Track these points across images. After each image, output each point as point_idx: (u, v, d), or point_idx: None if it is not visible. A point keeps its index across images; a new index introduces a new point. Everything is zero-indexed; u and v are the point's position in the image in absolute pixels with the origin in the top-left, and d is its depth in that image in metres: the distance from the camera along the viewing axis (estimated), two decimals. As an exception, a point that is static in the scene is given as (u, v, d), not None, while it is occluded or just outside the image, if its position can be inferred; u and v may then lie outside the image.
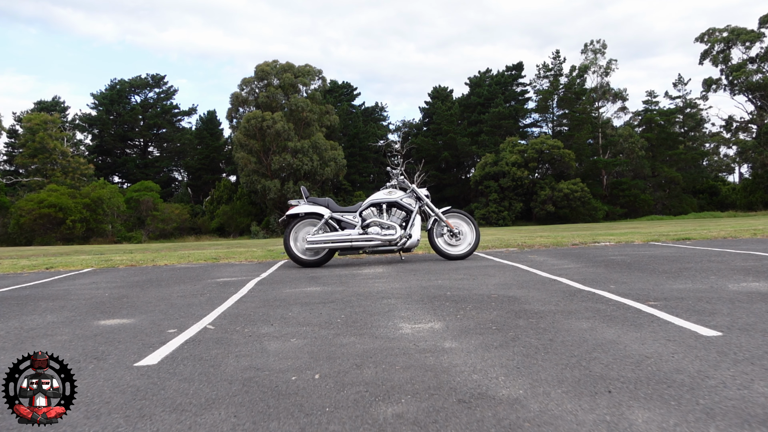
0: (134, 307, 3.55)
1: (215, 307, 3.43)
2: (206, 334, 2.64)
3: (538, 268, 4.86)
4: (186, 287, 4.44)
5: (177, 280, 5.02)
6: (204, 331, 2.72)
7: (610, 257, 5.56)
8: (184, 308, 3.42)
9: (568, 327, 2.47)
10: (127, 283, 4.94)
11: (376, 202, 5.92)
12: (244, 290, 4.14)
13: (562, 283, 3.87)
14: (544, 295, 3.35)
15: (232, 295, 3.92)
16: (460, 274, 4.63)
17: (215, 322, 2.92)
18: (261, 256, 7.29)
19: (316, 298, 3.63)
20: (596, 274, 4.28)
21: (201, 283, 4.71)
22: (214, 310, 3.31)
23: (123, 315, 3.26)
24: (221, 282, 4.70)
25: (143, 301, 3.76)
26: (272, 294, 3.88)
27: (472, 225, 5.98)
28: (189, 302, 3.65)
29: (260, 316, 3.04)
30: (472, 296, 3.42)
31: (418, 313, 2.95)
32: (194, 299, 3.77)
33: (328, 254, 5.80)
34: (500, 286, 3.83)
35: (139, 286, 4.62)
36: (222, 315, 3.14)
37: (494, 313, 2.87)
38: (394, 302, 3.33)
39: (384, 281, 4.35)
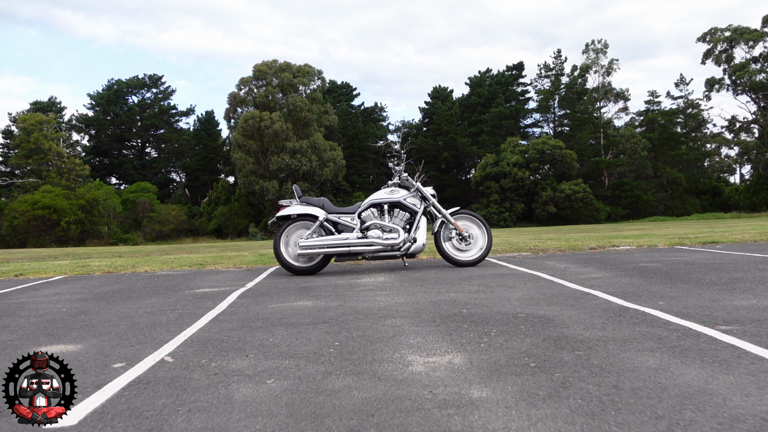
0: (88, 327, 2.96)
1: (184, 328, 2.84)
2: (160, 370, 2.06)
3: (563, 277, 4.27)
4: (157, 301, 3.85)
5: (151, 290, 4.43)
6: (159, 365, 2.13)
7: (641, 264, 4.96)
8: (146, 330, 2.83)
9: (632, 365, 1.89)
10: (93, 294, 4.35)
11: (377, 202, 5.33)
12: (223, 305, 3.55)
13: (598, 297, 3.27)
14: (582, 315, 2.76)
15: (208, 311, 3.33)
16: (473, 284, 4.04)
17: (177, 352, 2.33)
18: (251, 262, 6.69)
19: (305, 316, 3.04)
20: (634, 285, 3.69)
21: (176, 295, 4.12)
22: (182, 332, 2.73)
23: (71, 339, 2.68)
24: (199, 294, 4.11)
25: (102, 320, 3.17)
26: (255, 310, 3.30)
27: (483, 228, 5.39)
28: (154, 321, 3.06)
29: (234, 343, 2.46)
30: (494, 315, 2.83)
31: (430, 340, 2.36)
32: (162, 317, 3.19)
33: (323, 261, 5.20)
34: (525, 301, 3.25)
35: (105, 299, 4.03)
36: (188, 340, 2.55)
37: (527, 340, 2.29)
38: (400, 323, 2.74)
39: (386, 294, 3.76)
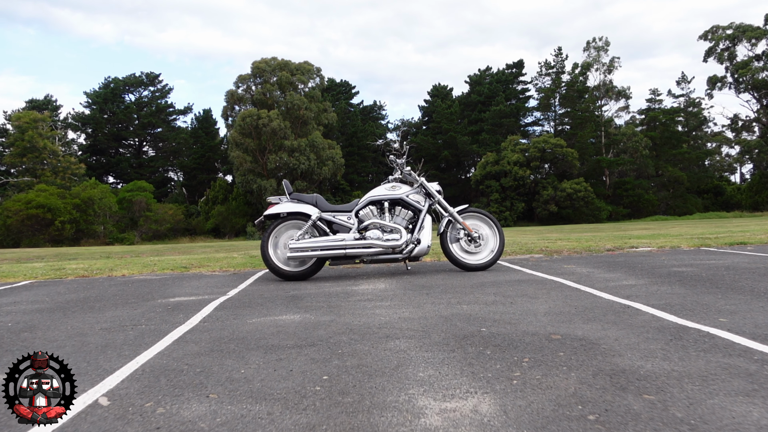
0: (25, 349, 2.43)
1: (140, 351, 2.31)
2: (85, 422, 1.52)
3: (590, 285, 3.73)
4: (122, 313, 3.32)
5: (119, 299, 3.89)
6: (88, 412, 1.60)
7: (673, 269, 4.43)
8: (94, 354, 2.30)
9: (730, 420, 1.36)
10: (53, 304, 3.81)
11: (376, 199, 4.79)
12: (195, 319, 3.02)
13: (642, 312, 2.74)
14: (632, 337, 2.23)
15: (175, 327, 2.80)
16: (488, 293, 3.51)
17: (119, 389, 1.80)
18: (239, 264, 6.15)
19: (290, 336, 2.51)
20: (679, 296, 3.16)
21: (146, 305, 3.59)
22: (136, 358, 2.20)
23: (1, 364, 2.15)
24: (172, 304, 3.57)
25: (47, 339, 2.64)
26: (231, 327, 2.76)
27: (494, 228, 4.85)
28: (108, 341, 2.53)
29: (196, 375, 1.93)
30: (522, 337, 2.30)
31: (445, 373, 1.84)
32: (119, 335, 2.66)
33: (317, 264, 4.66)
34: (555, 316, 2.72)
35: (63, 310, 3.49)
36: (139, 370, 2.02)
37: (573, 375, 1.76)
38: (405, 346, 2.22)
39: (388, 305, 3.24)
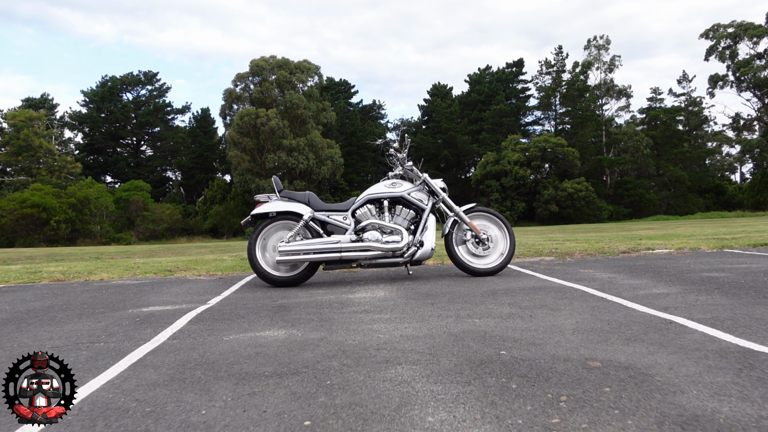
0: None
1: (86, 380, 1.89)
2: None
3: (616, 293, 3.31)
4: (83, 326, 2.89)
5: (86, 309, 3.46)
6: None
7: (705, 274, 4.00)
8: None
9: None
10: (11, 314, 3.39)
11: (375, 197, 4.37)
12: (164, 335, 2.59)
13: (690, 329, 2.31)
14: (689, 365, 1.80)
15: (138, 346, 2.38)
16: (502, 304, 3.09)
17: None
18: (227, 268, 5.72)
19: (270, 360, 2.09)
20: (724, 307, 2.74)
21: (114, 316, 3.16)
22: (76, 391, 1.78)
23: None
24: (143, 315, 3.15)
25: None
26: (203, 346, 2.34)
27: (504, 228, 4.43)
28: (53, 365, 2.11)
29: (142, 419, 1.51)
30: (553, 364, 1.88)
31: (461, 417, 1.42)
32: (69, 356, 2.23)
33: (309, 269, 4.23)
34: (586, 334, 2.30)
35: (18, 322, 3.07)
36: (75, 410, 1.60)
37: (630, 424, 1.33)
38: (409, 376, 1.80)
39: (388, 318, 2.82)
